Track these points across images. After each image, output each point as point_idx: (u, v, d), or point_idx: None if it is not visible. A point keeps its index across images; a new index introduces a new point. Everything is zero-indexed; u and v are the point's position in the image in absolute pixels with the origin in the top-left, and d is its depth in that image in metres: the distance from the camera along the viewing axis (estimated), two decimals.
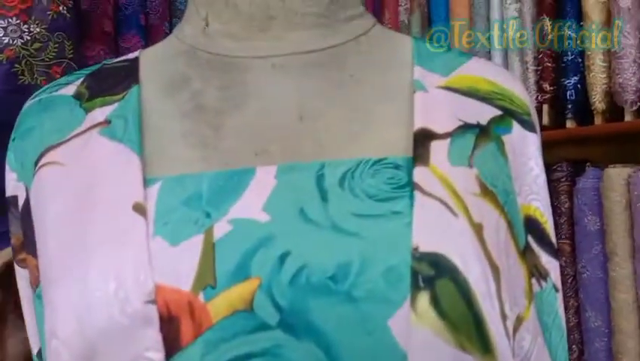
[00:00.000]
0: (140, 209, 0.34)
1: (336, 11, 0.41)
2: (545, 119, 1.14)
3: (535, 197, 0.40)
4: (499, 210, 0.36)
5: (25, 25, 0.81)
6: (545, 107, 1.14)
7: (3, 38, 0.80)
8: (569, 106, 1.12)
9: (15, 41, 0.81)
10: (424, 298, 0.31)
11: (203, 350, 0.31)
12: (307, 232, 0.33)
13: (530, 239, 0.39)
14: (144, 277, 0.32)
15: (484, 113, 0.40)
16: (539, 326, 0.38)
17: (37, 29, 0.82)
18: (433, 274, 0.32)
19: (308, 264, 0.32)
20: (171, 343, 0.31)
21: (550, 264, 0.40)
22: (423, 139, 0.37)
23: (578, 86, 1.11)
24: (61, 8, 0.85)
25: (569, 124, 1.12)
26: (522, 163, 0.40)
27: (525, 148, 0.41)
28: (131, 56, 0.45)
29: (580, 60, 1.11)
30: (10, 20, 0.80)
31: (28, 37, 0.81)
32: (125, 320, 0.31)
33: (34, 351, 0.44)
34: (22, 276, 0.43)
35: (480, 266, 0.32)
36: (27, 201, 0.40)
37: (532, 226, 0.40)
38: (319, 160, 0.36)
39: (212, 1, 0.41)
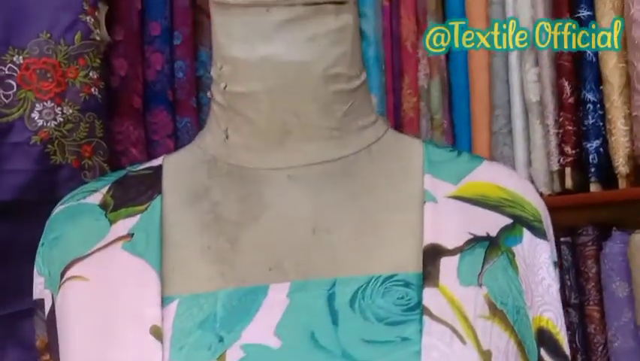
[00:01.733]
0: (157, 333, 0.36)
1: (349, 123, 0.43)
2: (569, 183, 1.14)
3: (547, 308, 0.40)
4: (509, 331, 0.37)
5: (59, 108, 0.86)
6: (568, 170, 1.14)
7: (38, 121, 0.84)
8: (592, 170, 1.11)
9: (49, 123, 0.85)
10: None
11: None
12: (318, 360, 0.34)
13: (543, 352, 0.39)
14: None
15: (494, 222, 0.41)
16: None
17: (70, 111, 0.87)
18: None
19: None
20: None
21: None
22: (433, 255, 0.38)
23: (601, 149, 1.10)
24: (92, 90, 0.89)
25: (593, 188, 1.12)
26: (533, 273, 0.41)
27: (536, 258, 0.41)
28: (155, 162, 0.47)
29: (601, 124, 1.11)
30: (45, 104, 0.85)
31: (61, 119, 0.86)
32: None
33: None
34: None
35: None
36: (52, 310, 0.42)
37: (544, 338, 0.40)
38: (331, 277, 0.38)
39: (232, 117, 0.43)
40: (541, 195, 1.22)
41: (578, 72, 1.12)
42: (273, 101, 0.41)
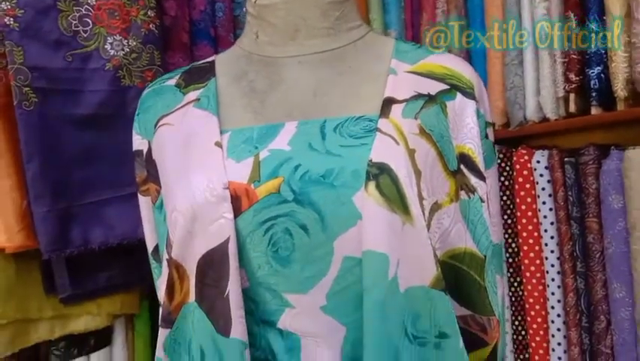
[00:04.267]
0: (218, 144, 0.64)
1: (341, 24, 0.70)
2: (572, 107, 1.29)
3: (469, 141, 0.66)
4: (431, 144, 0.63)
5: (125, 40, 1.14)
6: (572, 95, 1.29)
7: (110, 51, 1.14)
8: (594, 94, 1.24)
9: (118, 53, 1.14)
10: (372, 185, 0.58)
11: (254, 213, 0.60)
12: (311, 154, 0.61)
13: (462, 167, 0.65)
14: (222, 177, 0.61)
15: (435, 87, 0.67)
16: (462, 218, 0.64)
17: (134, 43, 1.15)
18: (378, 172, 0.59)
19: (310, 170, 0.60)
20: (237, 209, 0.60)
21: (478, 184, 0.65)
22: (388, 103, 0.64)
23: (602, 75, 1.23)
24: (151, 26, 1.17)
25: (594, 111, 1.25)
26: (461, 120, 0.66)
27: (465, 110, 0.67)
28: (210, 59, 0.75)
29: (603, 52, 1.23)
30: (115, 37, 1.14)
31: (128, 50, 1.14)
32: (213, 198, 0.60)
33: (150, 249, 0.75)
34: (143, 201, 0.74)
35: (406, 169, 0.59)
36: (149, 150, 0.71)
37: (465, 158, 0.66)
38: (323, 117, 0.65)
39: (260, 23, 0.70)
40: (548, 120, 1.40)
41: (583, 4, 1.27)
42: (287, 10, 0.68)
